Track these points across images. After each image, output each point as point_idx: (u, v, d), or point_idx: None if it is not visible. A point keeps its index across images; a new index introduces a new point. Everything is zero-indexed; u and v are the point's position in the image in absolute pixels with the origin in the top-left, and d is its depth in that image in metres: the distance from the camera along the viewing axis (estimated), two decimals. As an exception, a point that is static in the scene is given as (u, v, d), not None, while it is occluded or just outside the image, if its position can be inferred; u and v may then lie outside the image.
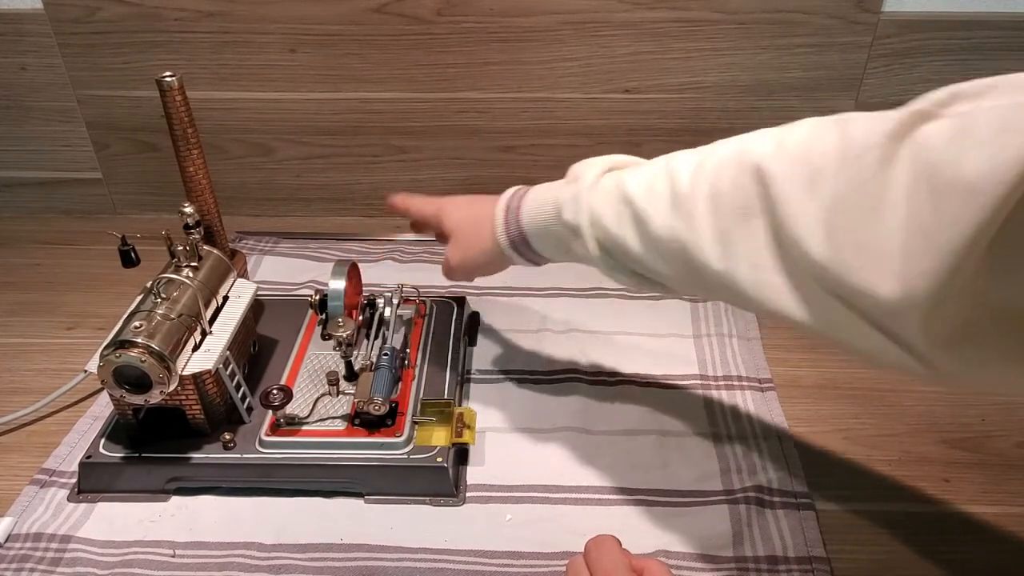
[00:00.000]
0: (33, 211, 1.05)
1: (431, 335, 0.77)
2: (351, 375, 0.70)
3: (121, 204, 1.04)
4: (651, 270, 0.53)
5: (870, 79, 0.91)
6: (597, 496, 0.64)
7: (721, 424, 0.71)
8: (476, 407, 0.71)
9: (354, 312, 0.72)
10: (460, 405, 0.72)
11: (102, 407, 0.73)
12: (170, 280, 0.65)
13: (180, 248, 0.68)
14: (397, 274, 0.91)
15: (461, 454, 0.67)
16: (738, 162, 0.47)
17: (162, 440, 0.65)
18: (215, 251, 0.71)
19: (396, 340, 0.73)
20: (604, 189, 0.54)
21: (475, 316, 0.84)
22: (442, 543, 0.61)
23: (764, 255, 0.46)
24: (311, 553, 0.60)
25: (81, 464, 0.65)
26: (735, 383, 0.75)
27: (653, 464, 0.67)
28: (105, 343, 0.60)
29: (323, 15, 0.89)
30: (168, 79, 0.66)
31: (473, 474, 0.66)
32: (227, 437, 0.65)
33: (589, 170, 0.56)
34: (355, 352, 0.70)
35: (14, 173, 1.02)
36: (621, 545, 0.53)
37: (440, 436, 0.66)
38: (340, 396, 0.68)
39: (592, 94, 0.94)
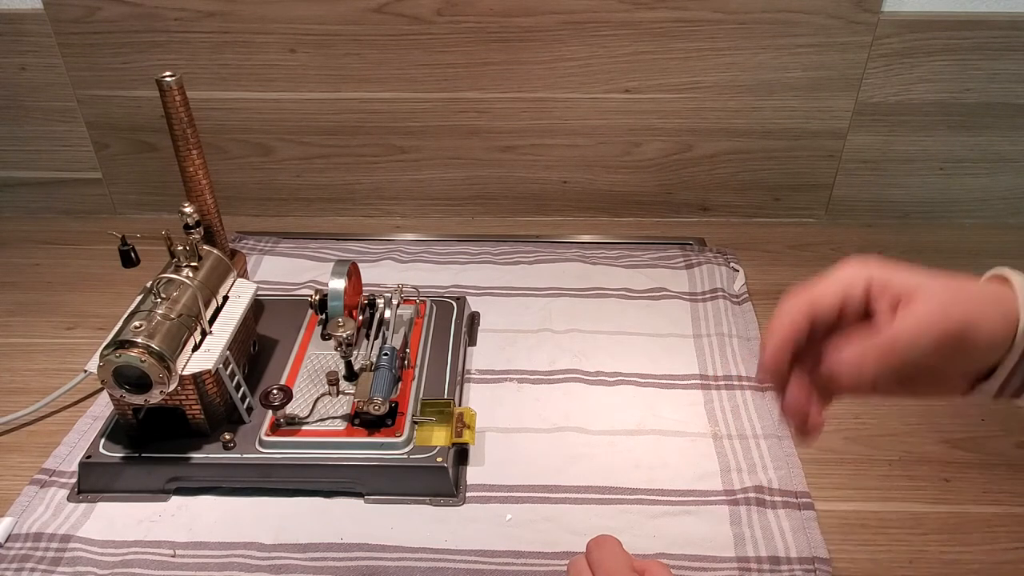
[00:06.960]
0: (33, 211, 1.05)
1: (431, 335, 0.76)
2: (351, 375, 0.70)
3: (121, 204, 1.04)
4: None
5: (870, 79, 0.91)
6: (597, 496, 0.64)
7: (721, 424, 0.71)
8: (476, 407, 0.71)
9: (354, 312, 0.72)
10: (460, 405, 0.72)
11: (102, 407, 0.73)
12: (170, 280, 0.65)
13: (180, 248, 0.68)
14: (397, 274, 0.91)
15: (461, 454, 0.67)
16: None
17: (162, 440, 0.65)
18: (215, 251, 0.71)
19: (396, 340, 0.73)
20: None
21: (475, 316, 0.84)
22: (442, 543, 0.61)
23: None
24: (311, 553, 0.60)
25: (81, 464, 0.65)
26: (735, 383, 0.75)
27: (653, 464, 0.67)
28: (105, 343, 0.60)
29: (323, 15, 0.89)
30: (168, 79, 0.66)
31: (473, 474, 0.66)
32: (227, 437, 0.65)
33: None
34: (355, 352, 0.70)
35: (14, 173, 1.02)
36: (622, 546, 0.53)
37: (440, 436, 0.66)
38: (340, 396, 0.68)
39: (592, 94, 0.94)
